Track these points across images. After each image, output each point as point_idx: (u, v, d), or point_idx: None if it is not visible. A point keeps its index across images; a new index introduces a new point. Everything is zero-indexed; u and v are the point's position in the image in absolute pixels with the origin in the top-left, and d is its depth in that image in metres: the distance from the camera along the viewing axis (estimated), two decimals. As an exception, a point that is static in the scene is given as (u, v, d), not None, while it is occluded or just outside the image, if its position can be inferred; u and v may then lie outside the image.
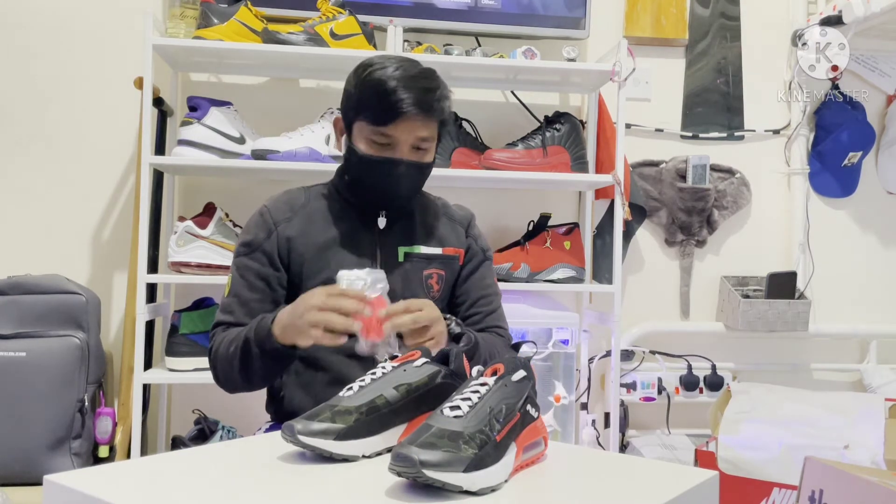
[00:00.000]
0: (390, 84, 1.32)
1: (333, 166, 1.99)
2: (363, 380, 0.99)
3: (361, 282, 1.21)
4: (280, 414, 1.46)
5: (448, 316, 1.32)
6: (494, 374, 0.93)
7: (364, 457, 0.94)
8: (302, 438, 0.91)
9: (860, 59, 2.61)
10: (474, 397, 0.89)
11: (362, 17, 2.10)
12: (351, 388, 0.98)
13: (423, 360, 1.02)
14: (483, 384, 0.91)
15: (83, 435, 1.98)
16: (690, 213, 2.50)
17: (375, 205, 1.44)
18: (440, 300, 1.47)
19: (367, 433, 0.94)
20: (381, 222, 1.44)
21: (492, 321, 1.50)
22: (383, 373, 1.00)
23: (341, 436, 0.92)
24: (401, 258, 1.44)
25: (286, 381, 1.44)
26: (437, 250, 1.47)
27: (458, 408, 0.87)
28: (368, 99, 1.34)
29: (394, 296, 1.41)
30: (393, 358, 1.04)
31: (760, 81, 2.59)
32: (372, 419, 0.95)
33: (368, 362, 1.16)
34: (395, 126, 1.34)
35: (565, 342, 2.23)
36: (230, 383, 1.38)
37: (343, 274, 1.23)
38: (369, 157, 1.37)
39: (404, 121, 1.33)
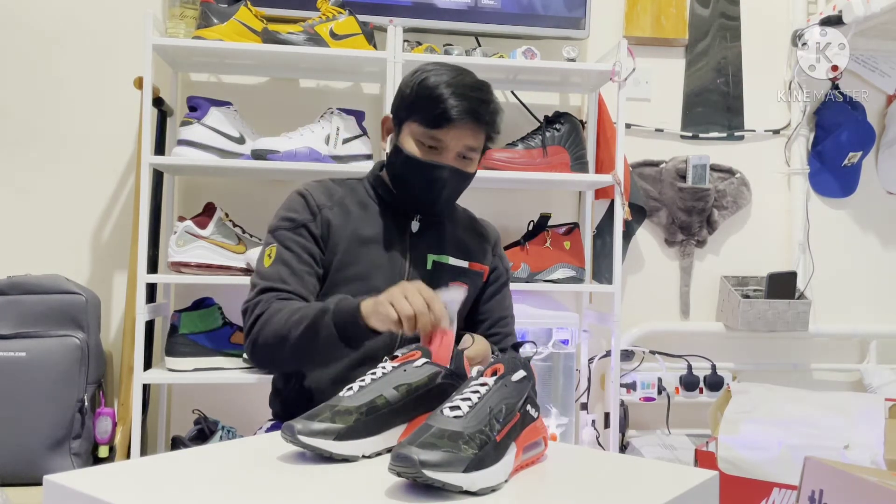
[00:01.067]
0: (447, 90, 1.33)
1: (334, 166, 2.00)
2: (363, 380, 0.99)
3: (455, 305, 1.19)
4: (283, 409, 1.47)
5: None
6: (494, 374, 0.93)
7: (364, 457, 0.94)
8: (302, 438, 0.91)
9: (860, 59, 2.61)
10: (474, 397, 0.89)
11: (362, 17, 2.10)
12: (351, 388, 0.98)
13: (423, 360, 1.02)
14: (483, 384, 0.91)
15: (83, 435, 1.98)
16: (690, 213, 2.50)
17: (411, 207, 1.44)
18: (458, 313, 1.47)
19: (367, 433, 0.94)
20: (415, 226, 1.45)
21: (507, 343, 1.52)
22: (383, 373, 1.00)
23: (341, 436, 0.92)
24: (429, 265, 1.44)
25: (291, 376, 1.44)
26: (464, 264, 1.48)
27: (458, 408, 0.87)
28: (424, 101, 1.35)
29: None
30: (393, 358, 1.04)
31: (760, 81, 2.59)
32: (372, 419, 0.95)
33: (375, 364, 1.16)
34: (446, 131, 1.35)
35: (565, 342, 2.23)
36: (269, 354, 1.31)
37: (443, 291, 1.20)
38: (416, 158, 1.37)
39: (456, 127, 1.34)
